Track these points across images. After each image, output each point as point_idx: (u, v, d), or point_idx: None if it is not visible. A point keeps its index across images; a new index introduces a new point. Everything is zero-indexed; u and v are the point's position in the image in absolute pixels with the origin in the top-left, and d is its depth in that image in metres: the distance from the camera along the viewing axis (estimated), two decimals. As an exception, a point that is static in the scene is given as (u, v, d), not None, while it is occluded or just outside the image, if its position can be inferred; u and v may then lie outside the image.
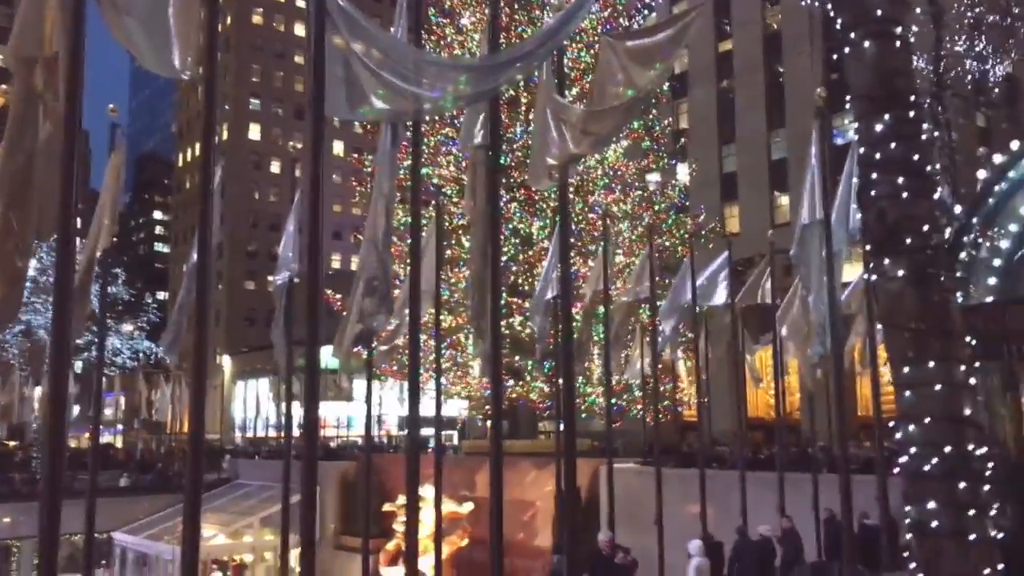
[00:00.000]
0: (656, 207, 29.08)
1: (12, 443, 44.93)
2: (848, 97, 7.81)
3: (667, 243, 27.73)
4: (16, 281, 4.97)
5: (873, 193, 7.35)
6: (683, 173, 39.96)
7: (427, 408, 17.14)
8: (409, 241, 8.49)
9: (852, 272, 18.98)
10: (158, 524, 34.23)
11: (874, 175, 7.39)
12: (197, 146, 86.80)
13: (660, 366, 20.94)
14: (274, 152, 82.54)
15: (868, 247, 7.71)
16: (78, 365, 43.94)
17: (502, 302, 7.80)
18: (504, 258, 26.47)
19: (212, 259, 6.62)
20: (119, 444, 58.99)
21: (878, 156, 7.35)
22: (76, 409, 46.02)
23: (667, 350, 21.05)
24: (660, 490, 16.13)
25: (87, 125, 6.49)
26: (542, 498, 22.89)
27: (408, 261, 8.68)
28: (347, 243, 65.56)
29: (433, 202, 15.39)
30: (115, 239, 11.11)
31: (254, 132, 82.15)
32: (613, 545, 13.31)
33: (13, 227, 4.83)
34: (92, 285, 11.39)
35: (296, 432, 14.02)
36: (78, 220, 5.72)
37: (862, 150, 7.61)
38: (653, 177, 30.19)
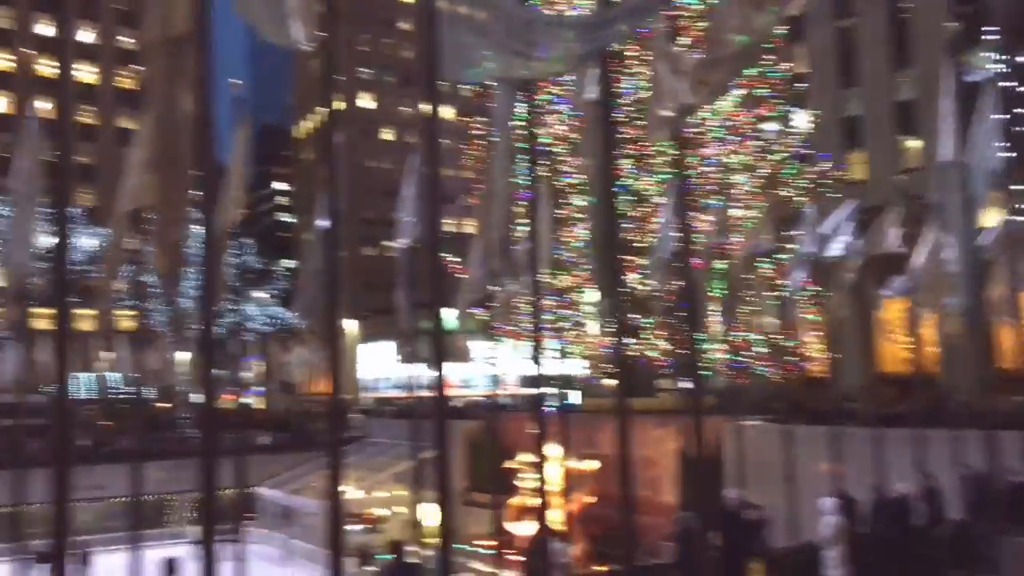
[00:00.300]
0: (774, 157, 28.08)
1: (162, 405, 48.05)
2: (985, 30, 7.30)
3: (787, 193, 26.78)
4: (177, 251, 5.31)
5: (1018, 128, 6.87)
6: (802, 120, 38.42)
7: (544, 368, 17.34)
8: (523, 202, 8.53)
9: (992, 217, 17.88)
10: (298, 479, 36.13)
11: (1018, 109, 6.90)
12: (314, 117, 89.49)
13: (785, 321, 20.37)
14: (385, 120, 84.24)
15: (1013, 186, 7.23)
16: (216, 331, 46.19)
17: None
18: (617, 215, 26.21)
19: (339, 226, 6.84)
20: (258, 405, 62.18)
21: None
22: (220, 372, 48.40)
23: (792, 304, 20.43)
24: (788, 447, 15.80)
25: (211, 100, 6.76)
26: (665, 456, 22.82)
27: (522, 222, 8.72)
28: (460, 207, 66.57)
29: (543, 162, 15.40)
30: (245, 211, 11.62)
31: (365, 100, 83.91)
32: (743, 502, 13.16)
33: (170, 200, 5.16)
34: (225, 255, 11.97)
35: (422, 392, 14.41)
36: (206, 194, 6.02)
37: (1005, 84, 7.11)
38: (770, 126, 29.15)
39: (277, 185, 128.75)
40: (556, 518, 20.66)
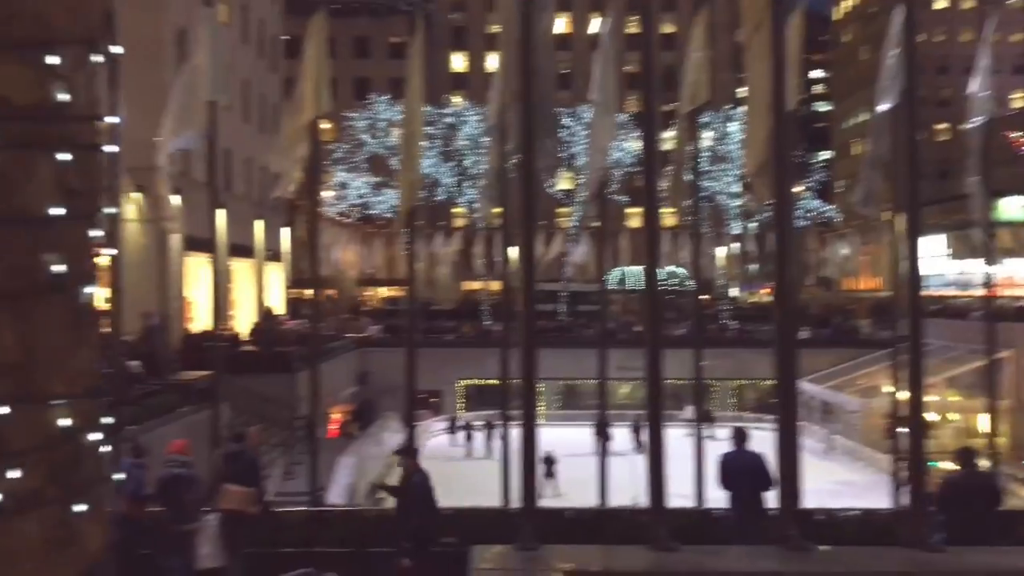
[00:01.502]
0: None
1: (704, 297, 50.85)
2: None
3: None
4: (766, 147, 5.48)
5: None
6: None
7: None
8: None
9: None
10: (839, 376, 35.53)
11: None
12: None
13: None
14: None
15: None
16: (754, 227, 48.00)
17: None
18: None
19: (915, 109, 6.31)
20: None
21: None
22: (754, 267, 50.13)
23: None
24: None
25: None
26: None
27: None
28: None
29: None
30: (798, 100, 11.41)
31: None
32: None
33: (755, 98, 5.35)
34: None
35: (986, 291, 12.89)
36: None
37: None
38: None
39: (814, 73, 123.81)
40: None
